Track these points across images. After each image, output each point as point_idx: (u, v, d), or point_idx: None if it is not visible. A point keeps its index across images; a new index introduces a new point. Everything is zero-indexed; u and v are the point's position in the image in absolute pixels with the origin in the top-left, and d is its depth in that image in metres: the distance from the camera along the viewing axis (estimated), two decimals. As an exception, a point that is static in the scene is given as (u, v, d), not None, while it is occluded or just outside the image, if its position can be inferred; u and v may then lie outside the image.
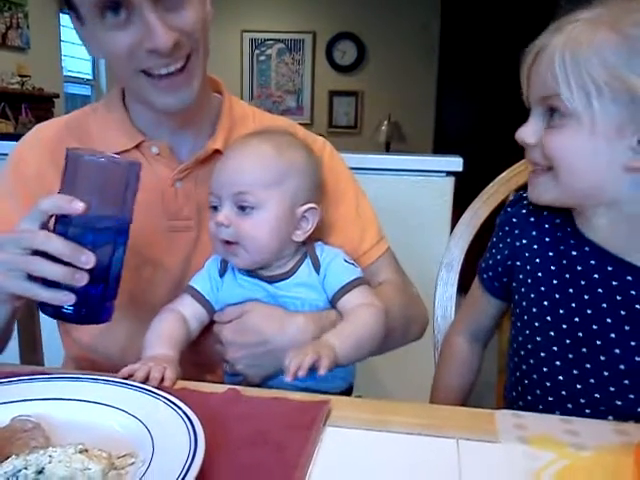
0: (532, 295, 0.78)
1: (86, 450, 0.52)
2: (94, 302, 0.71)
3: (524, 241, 0.80)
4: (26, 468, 0.50)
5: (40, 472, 0.50)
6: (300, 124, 1.01)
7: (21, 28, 4.33)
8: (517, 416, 0.67)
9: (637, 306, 0.71)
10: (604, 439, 0.63)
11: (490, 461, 0.59)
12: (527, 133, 0.73)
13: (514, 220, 0.82)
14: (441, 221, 1.78)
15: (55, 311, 0.70)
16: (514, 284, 0.81)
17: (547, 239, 0.78)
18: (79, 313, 0.70)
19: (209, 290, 0.85)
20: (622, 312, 0.71)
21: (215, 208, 0.81)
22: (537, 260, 0.78)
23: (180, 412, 0.60)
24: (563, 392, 0.75)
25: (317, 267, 0.84)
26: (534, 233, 0.79)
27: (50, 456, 0.51)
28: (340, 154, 1.02)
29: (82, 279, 0.67)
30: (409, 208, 1.81)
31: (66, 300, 0.68)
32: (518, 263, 0.80)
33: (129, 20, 0.76)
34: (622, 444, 0.61)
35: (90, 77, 5.34)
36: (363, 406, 0.71)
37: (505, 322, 0.93)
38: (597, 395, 0.73)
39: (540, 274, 0.77)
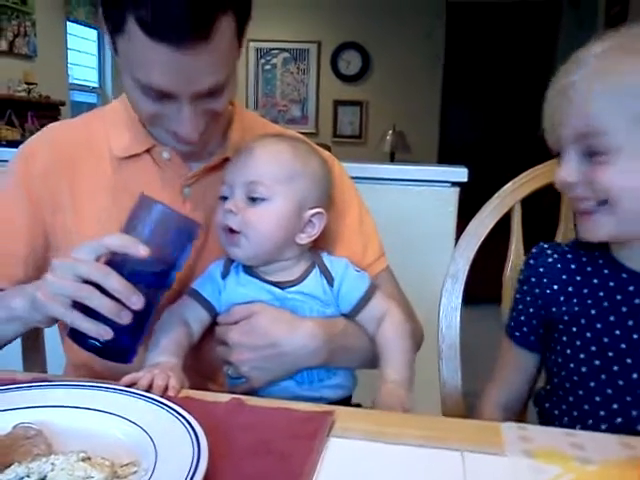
0: (573, 329, 0.78)
1: (89, 458, 0.52)
2: (124, 342, 0.72)
3: (555, 287, 0.80)
4: (28, 476, 0.50)
5: (42, 480, 0.50)
6: (305, 133, 1.02)
7: (28, 36, 4.37)
8: (522, 429, 0.67)
9: None
10: (610, 453, 0.62)
11: (495, 474, 0.58)
12: (567, 173, 0.72)
13: (540, 270, 0.82)
14: (446, 231, 1.78)
15: (84, 341, 0.71)
16: (552, 327, 0.81)
17: (578, 277, 0.79)
18: (106, 348, 0.71)
19: (211, 292, 0.84)
20: None
21: (225, 199, 0.81)
22: (574, 300, 0.78)
23: (183, 421, 0.60)
24: (619, 419, 0.74)
25: (329, 280, 0.84)
26: (564, 277, 0.80)
27: (52, 464, 0.50)
28: (345, 165, 1.02)
29: (127, 317, 0.68)
30: (414, 218, 1.81)
31: (104, 335, 0.68)
32: (554, 309, 0.80)
33: (164, 97, 0.75)
34: (628, 458, 0.61)
35: (96, 85, 5.38)
36: (367, 417, 0.70)
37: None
38: None
39: (577, 308, 0.77)
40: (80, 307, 0.69)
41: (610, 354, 0.74)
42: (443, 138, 5.27)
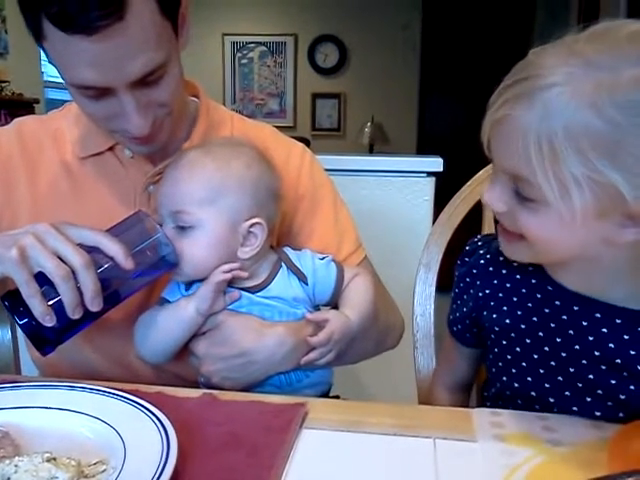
0: (504, 342, 0.75)
1: (54, 458, 0.52)
2: (50, 333, 0.68)
3: (487, 291, 0.77)
4: (-9, 478, 0.49)
5: (6, 482, 0.49)
6: (283, 127, 1.01)
7: (-1, 33, 4.28)
8: (494, 414, 0.67)
9: (611, 345, 0.66)
10: (580, 435, 0.63)
11: (467, 460, 0.59)
12: (497, 201, 0.65)
13: (474, 271, 0.79)
14: (422, 221, 1.79)
15: (17, 309, 0.66)
16: (484, 332, 0.79)
17: (508, 285, 0.75)
18: (35, 329, 0.67)
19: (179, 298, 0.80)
20: (596, 353, 0.67)
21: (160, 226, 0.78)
22: (504, 308, 0.75)
23: (153, 418, 0.60)
24: None
25: (302, 278, 0.82)
26: (495, 282, 0.76)
27: (16, 466, 0.50)
28: (320, 159, 1.00)
29: (78, 315, 0.66)
30: (391, 209, 1.81)
31: (48, 320, 0.65)
32: (485, 313, 0.77)
33: (103, 95, 0.73)
34: (597, 439, 0.62)
35: (70, 82, 5.29)
36: (339, 408, 0.70)
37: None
38: None
39: (508, 320, 0.74)
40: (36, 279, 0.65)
41: (541, 371, 0.71)
42: (422, 129, 5.27)
